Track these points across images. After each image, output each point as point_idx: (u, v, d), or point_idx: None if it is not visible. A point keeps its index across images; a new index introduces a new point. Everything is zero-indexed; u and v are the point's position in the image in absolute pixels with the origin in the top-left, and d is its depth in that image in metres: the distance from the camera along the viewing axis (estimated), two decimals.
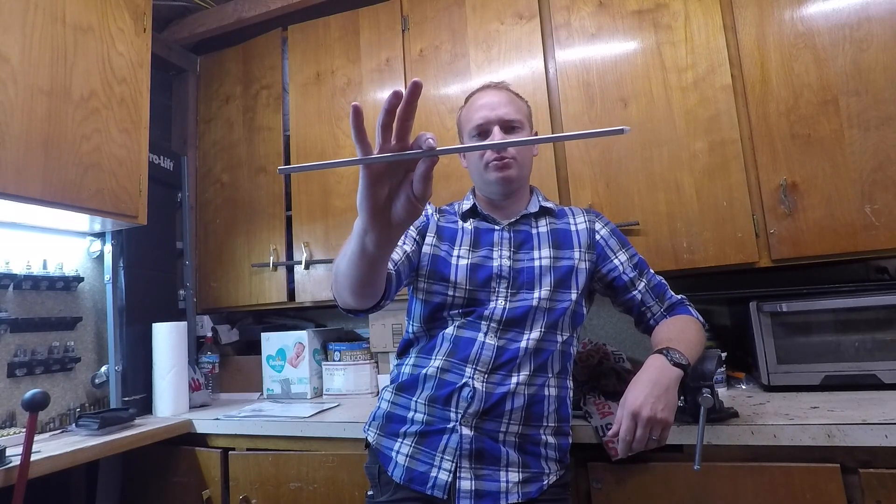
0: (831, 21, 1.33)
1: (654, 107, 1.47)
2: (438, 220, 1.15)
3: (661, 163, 1.45)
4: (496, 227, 1.11)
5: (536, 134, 1.18)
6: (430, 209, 1.18)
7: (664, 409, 0.85)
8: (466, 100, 1.17)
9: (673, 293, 1.12)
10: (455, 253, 1.09)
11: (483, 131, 1.09)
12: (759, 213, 1.37)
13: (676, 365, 0.90)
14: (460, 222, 1.14)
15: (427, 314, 1.07)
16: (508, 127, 1.08)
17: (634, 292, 1.10)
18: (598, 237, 1.12)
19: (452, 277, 1.05)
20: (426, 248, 1.10)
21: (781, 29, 1.37)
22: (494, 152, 1.06)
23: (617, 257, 1.11)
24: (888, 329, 1.22)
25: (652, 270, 1.14)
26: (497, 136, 1.06)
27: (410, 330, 1.12)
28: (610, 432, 0.90)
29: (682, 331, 1.03)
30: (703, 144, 1.42)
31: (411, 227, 1.12)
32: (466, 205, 1.15)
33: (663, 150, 1.45)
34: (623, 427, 0.86)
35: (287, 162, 1.89)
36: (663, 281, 1.13)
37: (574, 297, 1.05)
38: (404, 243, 1.07)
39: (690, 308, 1.11)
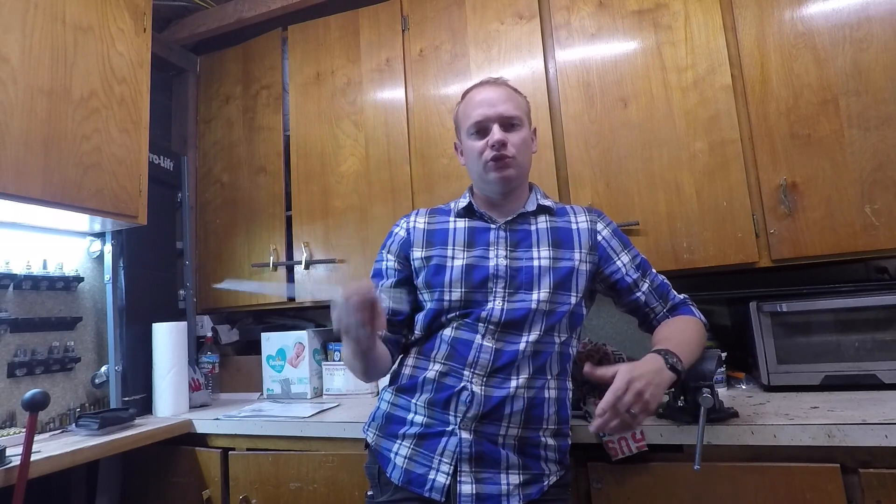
0: (831, 21, 1.33)
1: (654, 107, 1.47)
2: (428, 223, 1.14)
3: (661, 163, 1.45)
4: (492, 226, 1.09)
5: (535, 130, 1.17)
6: (412, 219, 1.16)
7: (654, 396, 0.85)
8: (464, 95, 1.14)
9: (676, 293, 1.12)
10: (449, 254, 1.07)
11: (482, 128, 1.07)
12: (759, 213, 1.37)
13: (672, 369, 0.90)
14: (454, 221, 1.12)
15: (428, 321, 1.07)
16: (508, 124, 1.06)
17: (638, 294, 1.09)
18: (599, 238, 1.10)
19: (447, 279, 1.05)
20: (418, 263, 1.10)
21: (781, 29, 1.37)
22: (494, 150, 1.04)
23: (620, 259, 1.09)
24: (888, 329, 1.22)
25: (654, 270, 1.13)
26: (496, 134, 1.04)
27: (412, 337, 1.12)
28: (599, 371, 0.87)
29: (682, 331, 1.03)
30: (703, 144, 1.42)
31: (390, 255, 1.14)
32: (462, 203, 1.13)
33: (663, 150, 1.45)
34: (617, 383, 0.84)
35: (287, 162, 1.89)
36: (666, 281, 1.13)
37: (574, 299, 1.04)
38: (385, 285, 1.12)
39: (693, 308, 1.10)
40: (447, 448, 0.96)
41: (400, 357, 1.12)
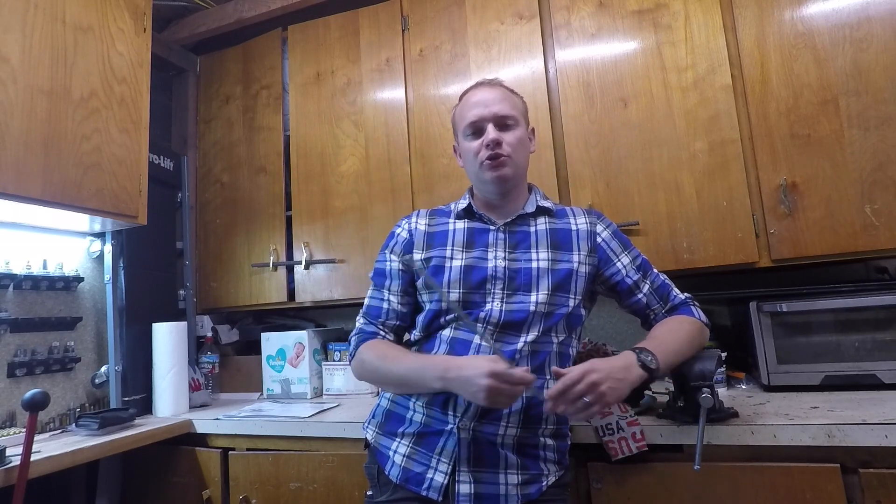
0: (831, 21, 1.33)
1: (654, 107, 1.47)
2: (428, 224, 1.14)
3: (661, 163, 1.45)
4: (491, 228, 1.09)
5: (533, 130, 1.18)
6: (413, 220, 1.16)
7: (611, 389, 0.86)
8: (461, 98, 1.15)
9: (678, 292, 1.11)
10: (448, 255, 1.08)
11: (477, 129, 1.07)
12: (759, 213, 1.37)
13: (643, 366, 0.91)
14: (454, 222, 1.13)
15: (427, 321, 1.07)
16: (503, 124, 1.07)
17: (640, 295, 1.09)
18: (599, 240, 1.10)
19: (446, 280, 1.05)
20: (418, 265, 1.10)
21: (781, 29, 1.37)
22: (489, 150, 1.05)
23: (619, 260, 1.09)
24: (888, 329, 1.22)
25: (656, 270, 1.13)
26: (491, 133, 1.05)
27: (412, 337, 1.12)
28: (555, 368, 0.90)
29: (673, 331, 1.03)
30: (703, 144, 1.42)
31: (394, 255, 1.14)
32: (462, 204, 1.14)
33: (663, 150, 1.45)
34: (571, 373, 0.86)
35: (287, 162, 1.89)
36: (667, 281, 1.12)
37: (573, 302, 1.04)
38: (392, 286, 1.13)
39: (693, 308, 1.09)
40: (446, 447, 0.96)
41: None
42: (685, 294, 1.12)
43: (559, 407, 0.86)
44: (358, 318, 1.14)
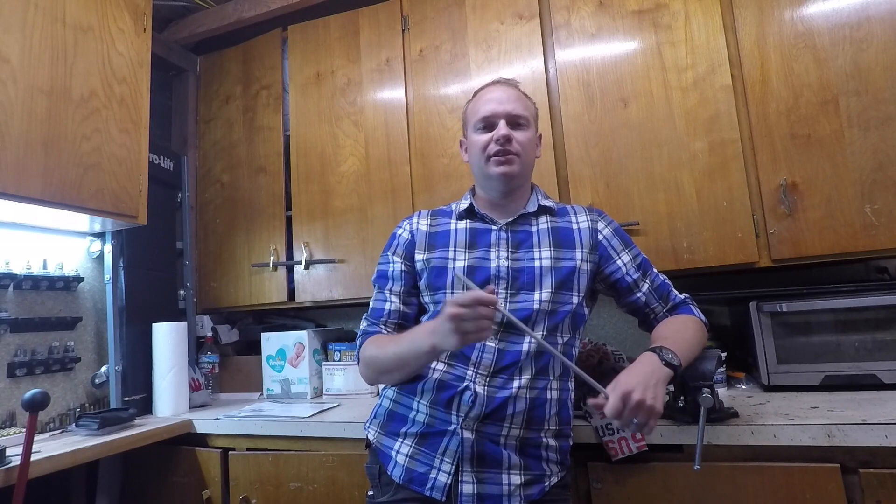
0: (831, 21, 1.33)
1: (654, 107, 1.47)
2: (430, 225, 1.15)
3: (661, 163, 1.45)
4: (493, 227, 1.10)
5: (541, 136, 1.18)
6: (415, 221, 1.17)
7: (654, 397, 0.85)
8: (475, 93, 1.16)
9: (677, 293, 1.12)
10: (450, 256, 1.08)
11: (489, 124, 1.08)
12: (759, 213, 1.37)
13: (667, 364, 0.91)
14: (455, 223, 1.13)
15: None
16: (515, 123, 1.07)
17: (639, 294, 1.09)
18: (600, 237, 1.10)
19: (450, 281, 1.05)
20: (419, 265, 1.10)
21: (781, 29, 1.37)
22: (498, 144, 1.05)
23: (620, 258, 1.10)
24: (888, 329, 1.22)
25: (656, 270, 1.13)
26: (502, 129, 1.05)
27: None
28: (592, 401, 0.88)
29: (680, 330, 1.03)
30: (703, 144, 1.42)
31: (397, 257, 1.13)
32: (464, 204, 1.14)
33: (663, 150, 1.45)
34: (612, 405, 0.84)
35: (287, 162, 1.89)
36: (667, 281, 1.12)
37: (576, 299, 1.04)
38: (394, 287, 1.12)
39: (693, 308, 1.10)
40: (449, 448, 0.96)
41: None
42: (684, 294, 1.12)
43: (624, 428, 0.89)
44: (362, 320, 1.15)
